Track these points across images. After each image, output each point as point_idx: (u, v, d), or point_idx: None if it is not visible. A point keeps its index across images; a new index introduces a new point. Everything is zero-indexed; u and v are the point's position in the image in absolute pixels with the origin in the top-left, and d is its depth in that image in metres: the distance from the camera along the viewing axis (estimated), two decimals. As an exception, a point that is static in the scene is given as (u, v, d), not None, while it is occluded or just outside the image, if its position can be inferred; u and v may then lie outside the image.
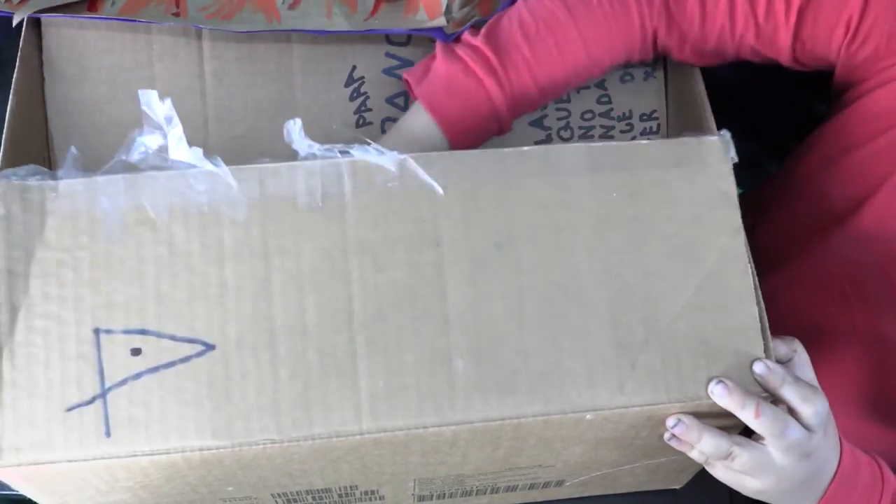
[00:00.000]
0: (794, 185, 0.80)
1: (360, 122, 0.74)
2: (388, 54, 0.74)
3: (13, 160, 0.65)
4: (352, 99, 0.74)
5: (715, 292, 0.59)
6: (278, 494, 0.69)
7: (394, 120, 0.73)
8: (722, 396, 0.57)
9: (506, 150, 0.60)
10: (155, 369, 0.56)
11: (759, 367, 0.57)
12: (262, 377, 0.57)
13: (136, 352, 0.56)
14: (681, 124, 0.73)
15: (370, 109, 0.74)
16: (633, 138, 0.75)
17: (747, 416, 0.56)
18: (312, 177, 0.58)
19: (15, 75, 0.68)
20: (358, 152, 0.59)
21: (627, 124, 0.75)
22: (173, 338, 0.57)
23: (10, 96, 0.67)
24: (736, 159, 0.60)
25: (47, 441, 0.56)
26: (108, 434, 0.56)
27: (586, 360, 0.58)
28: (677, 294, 0.59)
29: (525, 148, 0.60)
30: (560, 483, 0.76)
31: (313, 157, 0.59)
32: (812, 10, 0.65)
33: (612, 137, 0.75)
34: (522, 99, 0.68)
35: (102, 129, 0.72)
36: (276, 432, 0.57)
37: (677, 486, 0.83)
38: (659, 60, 0.75)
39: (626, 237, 0.59)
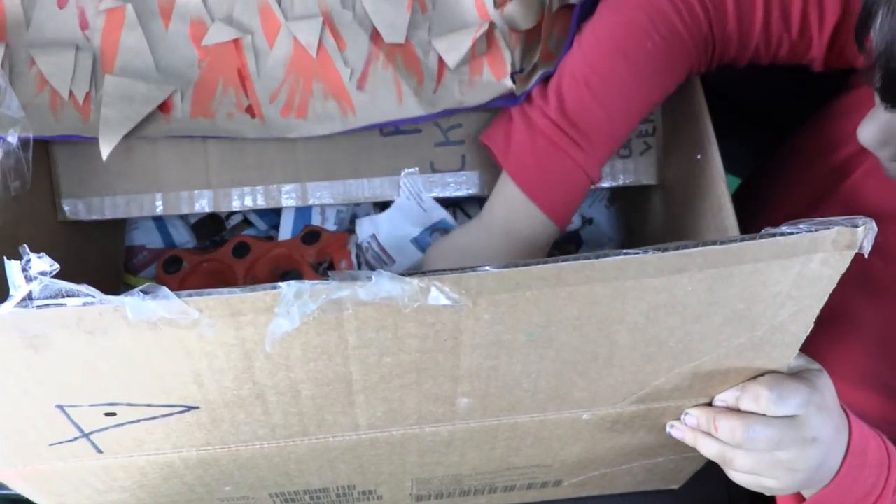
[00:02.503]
0: (787, 176, 0.80)
1: (358, 123, 0.74)
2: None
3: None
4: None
5: (755, 355, 0.54)
6: (276, 494, 0.69)
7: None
8: (680, 434, 0.61)
9: (561, 264, 0.44)
10: (136, 422, 0.53)
11: (689, 419, 0.60)
12: (253, 420, 0.55)
13: (110, 414, 0.52)
14: (676, 126, 0.74)
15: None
16: (629, 141, 0.75)
17: (703, 445, 0.59)
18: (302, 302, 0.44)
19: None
20: (367, 285, 0.44)
21: (624, 125, 0.75)
22: (149, 405, 0.52)
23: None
24: (865, 251, 0.46)
25: (39, 458, 0.56)
26: (99, 451, 0.56)
27: (596, 390, 0.57)
28: (717, 351, 0.53)
29: (582, 260, 0.45)
30: (558, 483, 0.76)
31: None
32: (846, 26, 0.65)
33: (608, 138, 0.75)
34: (607, 156, 0.70)
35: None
36: (272, 438, 0.57)
37: (675, 486, 0.83)
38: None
39: (684, 317, 0.50)
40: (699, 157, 0.69)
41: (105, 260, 0.82)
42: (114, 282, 0.83)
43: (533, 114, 0.68)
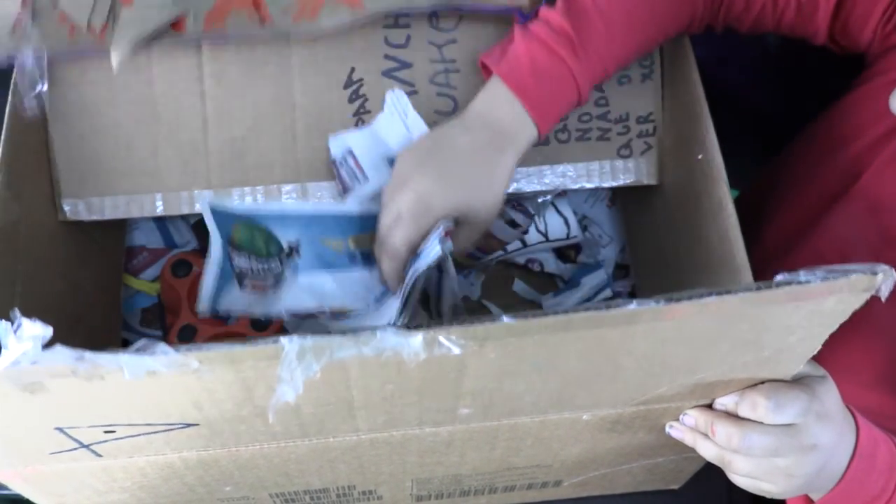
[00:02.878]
0: (797, 177, 0.80)
1: (359, 123, 0.74)
2: (386, 56, 0.74)
3: (12, 162, 0.65)
4: (351, 101, 0.74)
5: (759, 369, 0.55)
6: (276, 494, 0.69)
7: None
8: (679, 435, 0.61)
9: (570, 315, 0.44)
10: (136, 436, 0.53)
11: (687, 419, 0.61)
12: (254, 430, 0.55)
13: (109, 432, 0.52)
14: (677, 126, 0.74)
15: (369, 112, 0.74)
16: (630, 141, 0.75)
17: (702, 447, 0.60)
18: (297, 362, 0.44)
19: (14, 77, 0.68)
20: (371, 342, 0.44)
21: (624, 127, 0.75)
22: (149, 424, 0.52)
23: (9, 97, 0.67)
24: (883, 296, 0.46)
25: (40, 461, 0.56)
26: (98, 456, 0.56)
27: (597, 398, 0.57)
28: (721, 367, 0.53)
29: (592, 311, 0.45)
30: (558, 483, 0.76)
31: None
32: None
33: (608, 140, 0.75)
34: (597, 77, 0.69)
35: (102, 130, 0.72)
36: (272, 440, 0.57)
37: (676, 487, 0.83)
38: (656, 62, 0.76)
39: (692, 346, 0.50)
40: (700, 157, 0.69)
41: (105, 260, 0.82)
42: (114, 283, 0.83)
43: (533, 27, 0.68)
